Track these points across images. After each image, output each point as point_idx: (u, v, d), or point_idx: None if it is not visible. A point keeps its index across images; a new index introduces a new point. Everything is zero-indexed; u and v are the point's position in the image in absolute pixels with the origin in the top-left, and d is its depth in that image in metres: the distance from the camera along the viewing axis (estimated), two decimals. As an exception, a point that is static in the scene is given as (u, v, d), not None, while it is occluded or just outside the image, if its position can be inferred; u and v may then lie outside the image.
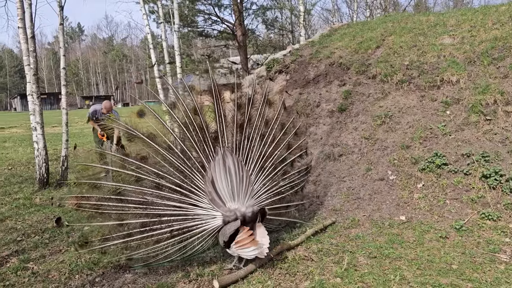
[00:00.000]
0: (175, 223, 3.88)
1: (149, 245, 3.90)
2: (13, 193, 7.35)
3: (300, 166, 4.90)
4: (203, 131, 4.09)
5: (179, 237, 3.90)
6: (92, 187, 3.94)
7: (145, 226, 3.87)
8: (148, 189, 3.96)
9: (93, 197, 3.90)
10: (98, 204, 3.89)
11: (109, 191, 3.91)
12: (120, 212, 3.90)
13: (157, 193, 3.93)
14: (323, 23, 37.23)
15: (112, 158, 4.05)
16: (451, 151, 5.65)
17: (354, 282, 3.56)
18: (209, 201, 3.90)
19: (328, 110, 7.35)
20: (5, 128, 24.03)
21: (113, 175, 4.10)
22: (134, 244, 3.90)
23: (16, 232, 5.30)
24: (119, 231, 3.87)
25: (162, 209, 3.89)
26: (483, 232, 4.55)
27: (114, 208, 3.89)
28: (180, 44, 11.50)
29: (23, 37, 7.50)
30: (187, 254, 4.04)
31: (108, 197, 3.89)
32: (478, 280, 3.54)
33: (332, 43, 9.19)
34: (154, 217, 3.88)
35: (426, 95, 6.58)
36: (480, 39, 6.98)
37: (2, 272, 4.08)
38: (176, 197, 3.93)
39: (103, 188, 3.94)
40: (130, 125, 4.04)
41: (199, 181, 3.97)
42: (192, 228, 3.89)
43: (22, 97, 65.58)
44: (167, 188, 3.95)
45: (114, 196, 3.90)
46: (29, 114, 7.87)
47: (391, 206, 5.35)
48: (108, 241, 3.85)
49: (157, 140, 4.05)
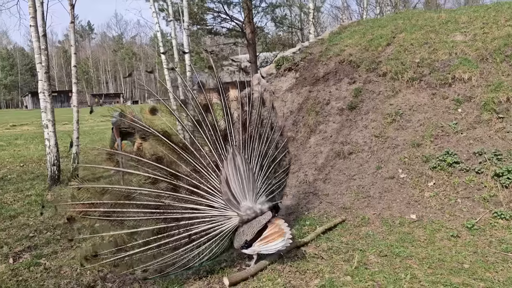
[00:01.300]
0: (193, 226, 3.70)
1: (166, 253, 3.65)
2: (25, 190, 7.44)
3: (285, 165, 4.82)
4: (215, 129, 3.98)
5: (197, 241, 3.72)
6: (101, 192, 3.61)
7: (162, 232, 3.64)
8: (164, 191, 3.74)
9: (104, 203, 3.58)
10: (109, 211, 3.58)
11: (122, 195, 3.63)
12: (134, 218, 3.63)
13: (174, 196, 3.74)
14: (333, 20, 37.08)
15: (125, 160, 3.80)
16: (462, 150, 5.60)
17: (364, 281, 3.54)
18: (225, 201, 3.80)
19: (338, 108, 7.32)
20: (17, 126, 24.33)
21: (124, 178, 3.82)
22: (150, 253, 3.61)
23: (28, 228, 5.37)
24: (134, 239, 3.59)
25: (179, 213, 3.71)
26: (495, 231, 4.50)
27: (128, 215, 3.62)
28: (189, 42, 11.51)
29: (35, 35, 7.57)
30: (205, 259, 3.85)
31: (121, 202, 3.60)
32: (490, 280, 3.51)
33: (341, 40, 9.14)
34: (172, 222, 3.68)
35: (437, 93, 6.52)
36: (493, 36, 6.89)
37: (15, 267, 4.14)
38: (193, 199, 3.78)
39: (114, 193, 3.63)
40: (144, 122, 3.82)
41: (215, 181, 3.85)
42: (210, 231, 3.76)
43: (33, 95, 66.29)
44: (184, 190, 3.79)
45: (128, 201, 3.62)
46: (40, 112, 7.95)
47: (401, 205, 5.31)
48: (121, 252, 3.53)
49: (172, 138, 3.85)
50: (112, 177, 3.89)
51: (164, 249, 3.64)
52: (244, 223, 3.80)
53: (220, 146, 3.96)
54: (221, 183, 3.82)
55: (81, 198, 3.57)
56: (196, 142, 3.94)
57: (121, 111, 3.75)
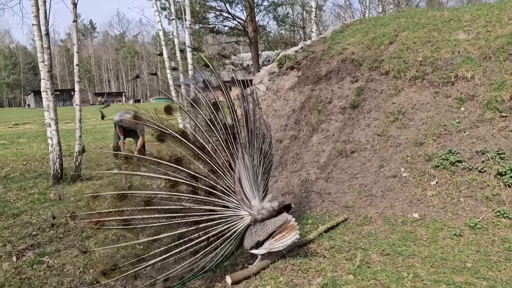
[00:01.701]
0: (211, 229, 3.63)
1: (187, 259, 3.55)
2: (28, 188, 7.46)
3: (270, 159, 4.77)
4: (225, 127, 3.90)
5: (214, 243, 3.66)
6: (119, 198, 3.41)
7: (183, 237, 3.55)
8: (185, 194, 3.66)
9: (122, 210, 3.40)
10: (129, 219, 3.41)
11: (142, 200, 3.47)
12: (156, 224, 3.48)
13: (194, 198, 3.65)
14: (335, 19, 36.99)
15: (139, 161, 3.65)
16: (465, 148, 5.58)
17: (367, 279, 3.54)
18: (239, 201, 3.75)
19: (340, 106, 7.31)
20: (20, 124, 24.40)
21: (142, 182, 3.68)
22: (172, 260, 3.48)
23: (31, 226, 5.39)
24: (155, 247, 3.44)
25: (199, 215, 3.62)
26: (498, 230, 4.49)
27: (149, 221, 3.46)
28: (191, 40, 11.52)
29: (38, 34, 7.59)
30: (219, 260, 3.81)
31: (141, 208, 3.44)
32: (493, 279, 3.50)
33: (344, 39, 9.12)
34: (192, 225, 3.58)
35: (440, 92, 6.50)
36: (496, 35, 6.86)
37: (18, 265, 4.16)
38: (211, 200, 3.71)
39: (134, 198, 3.46)
40: (161, 122, 3.68)
41: (229, 181, 3.80)
42: (225, 231, 3.71)
43: (35, 93, 66.47)
44: (203, 191, 3.71)
45: (149, 207, 3.47)
46: (42, 110, 7.98)
47: (404, 203, 5.31)
48: (143, 262, 3.35)
49: (190, 138, 3.76)
50: (114, 177, 3.84)
51: (185, 254, 3.55)
52: (257, 222, 3.77)
53: (231, 145, 3.88)
54: (235, 183, 3.77)
55: (98, 207, 3.36)
56: (211, 141, 3.86)
57: (134, 112, 3.61)
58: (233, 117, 4.03)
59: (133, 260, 3.34)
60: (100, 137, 15.92)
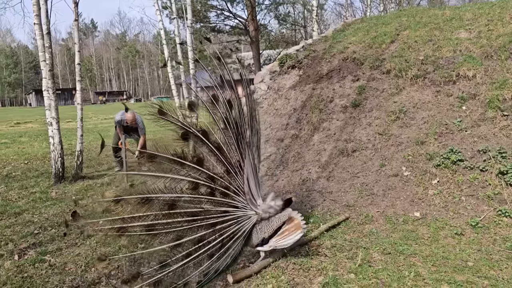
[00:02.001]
0: (224, 230, 3.60)
1: (204, 262, 3.50)
2: (29, 187, 7.48)
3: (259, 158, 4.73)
4: (237, 125, 3.80)
5: (227, 245, 3.63)
6: (143, 203, 3.29)
7: (202, 240, 3.50)
8: (205, 196, 3.57)
9: (146, 215, 3.30)
10: (153, 224, 3.30)
11: (166, 204, 3.38)
12: (179, 229, 3.40)
13: (212, 200, 3.59)
14: (336, 18, 36.95)
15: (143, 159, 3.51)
16: (467, 147, 5.58)
17: (368, 278, 3.54)
18: (247, 201, 3.72)
19: (341, 105, 7.30)
20: (21, 123, 24.44)
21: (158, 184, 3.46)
22: (191, 264, 3.43)
23: (33, 225, 5.40)
24: (178, 252, 3.39)
25: (216, 217, 3.57)
26: (500, 229, 4.49)
27: (172, 226, 3.37)
28: (192, 39, 11.52)
29: (39, 33, 7.59)
30: (231, 261, 3.78)
31: (165, 212, 3.35)
32: (494, 278, 3.50)
33: (345, 38, 9.11)
34: (209, 228, 3.53)
35: (441, 90, 6.49)
36: (498, 33, 6.85)
37: (20, 264, 4.17)
38: (225, 201, 3.66)
39: (158, 202, 3.35)
40: (184, 119, 3.56)
41: (240, 181, 3.75)
42: (236, 232, 3.67)
43: (37, 92, 66.61)
44: (219, 193, 3.65)
45: (173, 211, 3.40)
46: (44, 109, 7.98)
47: (405, 202, 5.31)
48: (166, 268, 3.29)
49: (210, 138, 3.65)
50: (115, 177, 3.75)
51: (202, 257, 3.49)
52: (262, 220, 3.76)
53: (241, 144, 3.80)
54: (244, 183, 3.72)
55: (121, 212, 3.23)
56: (227, 141, 3.78)
57: (159, 107, 3.43)
58: (241, 116, 3.95)
59: (157, 266, 3.26)
60: (102, 136, 15.92)
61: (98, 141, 14.25)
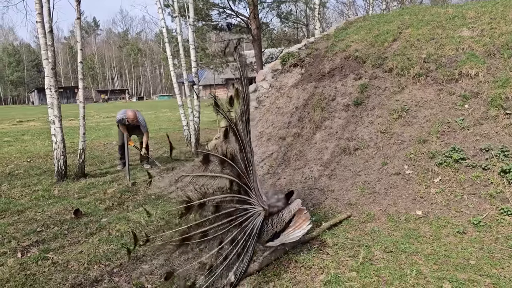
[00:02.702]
0: (246, 228, 3.50)
1: (235, 264, 3.38)
2: (32, 185, 7.50)
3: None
4: (248, 120, 3.63)
5: (248, 243, 3.50)
6: (199, 206, 3.16)
7: (234, 240, 3.38)
8: (237, 195, 3.43)
9: (206, 220, 3.20)
10: (208, 229, 3.20)
11: (212, 206, 3.24)
12: (223, 231, 3.28)
13: (240, 198, 3.46)
14: (338, 16, 36.90)
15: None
16: (469, 146, 5.57)
17: (370, 276, 3.55)
18: (257, 197, 3.63)
19: (343, 104, 7.30)
20: (24, 122, 24.50)
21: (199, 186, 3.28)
22: (226, 266, 3.34)
23: (36, 223, 5.42)
24: (220, 255, 3.27)
25: (241, 216, 3.46)
26: (502, 228, 4.48)
27: (218, 229, 3.24)
28: (194, 37, 11.52)
29: (41, 31, 7.60)
30: (250, 261, 3.61)
31: (216, 215, 3.25)
32: (496, 276, 3.50)
33: (347, 36, 9.10)
34: (239, 227, 3.42)
35: (443, 89, 6.48)
36: (500, 32, 6.83)
37: (23, 261, 4.19)
38: (246, 199, 3.56)
39: (209, 205, 3.22)
40: (228, 113, 3.36)
41: (251, 177, 3.62)
42: (252, 229, 3.57)
43: (39, 91, 66.78)
44: (243, 190, 3.53)
45: (219, 213, 3.28)
46: (46, 108, 8.00)
47: (407, 201, 5.30)
48: (212, 274, 3.22)
49: (240, 132, 3.46)
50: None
51: (234, 259, 3.39)
52: (271, 215, 3.70)
53: (250, 139, 3.67)
54: (253, 179, 3.63)
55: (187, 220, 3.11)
56: (247, 136, 3.59)
57: (215, 100, 3.26)
58: (246, 110, 3.73)
59: (206, 272, 3.21)
60: (103, 134, 15.96)
61: (100, 139, 14.29)
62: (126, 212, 5.73)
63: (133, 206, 6.03)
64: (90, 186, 7.31)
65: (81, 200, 6.39)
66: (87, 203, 6.22)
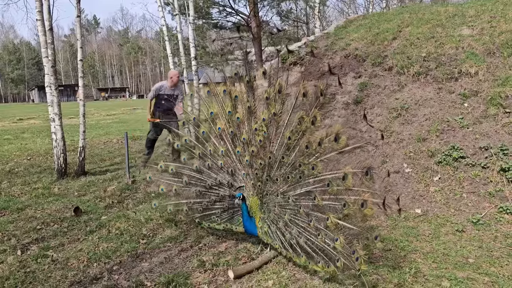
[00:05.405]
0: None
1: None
2: (32, 183, 7.50)
3: None
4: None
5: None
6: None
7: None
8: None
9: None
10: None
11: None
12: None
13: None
14: (338, 14, 36.87)
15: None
16: (468, 144, 5.57)
17: (369, 274, 3.55)
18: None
19: (343, 102, 7.30)
20: (24, 119, 24.50)
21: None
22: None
23: (35, 220, 5.42)
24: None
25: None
26: (501, 226, 4.49)
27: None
28: (194, 36, 11.51)
29: (41, 29, 7.59)
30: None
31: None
32: (495, 274, 3.51)
33: (347, 34, 9.10)
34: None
35: (443, 87, 6.48)
36: (500, 30, 6.83)
37: (23, 259, 4.19)
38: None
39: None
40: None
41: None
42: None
43: (39, 88, 66.75)
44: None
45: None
46: (46, 106, 8.00)
47: (406, 199, 5.31)
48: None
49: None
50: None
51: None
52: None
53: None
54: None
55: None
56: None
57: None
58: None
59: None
60: (103, 132, 15.96)
61: (101, 137, 14.29)
62: (126, 210, 5.74)
63: (133, 204, 6.03)
64: (90, 184, 7.31)
65: (81, 198, 6.39)
66: (87, 201, 6.22)
